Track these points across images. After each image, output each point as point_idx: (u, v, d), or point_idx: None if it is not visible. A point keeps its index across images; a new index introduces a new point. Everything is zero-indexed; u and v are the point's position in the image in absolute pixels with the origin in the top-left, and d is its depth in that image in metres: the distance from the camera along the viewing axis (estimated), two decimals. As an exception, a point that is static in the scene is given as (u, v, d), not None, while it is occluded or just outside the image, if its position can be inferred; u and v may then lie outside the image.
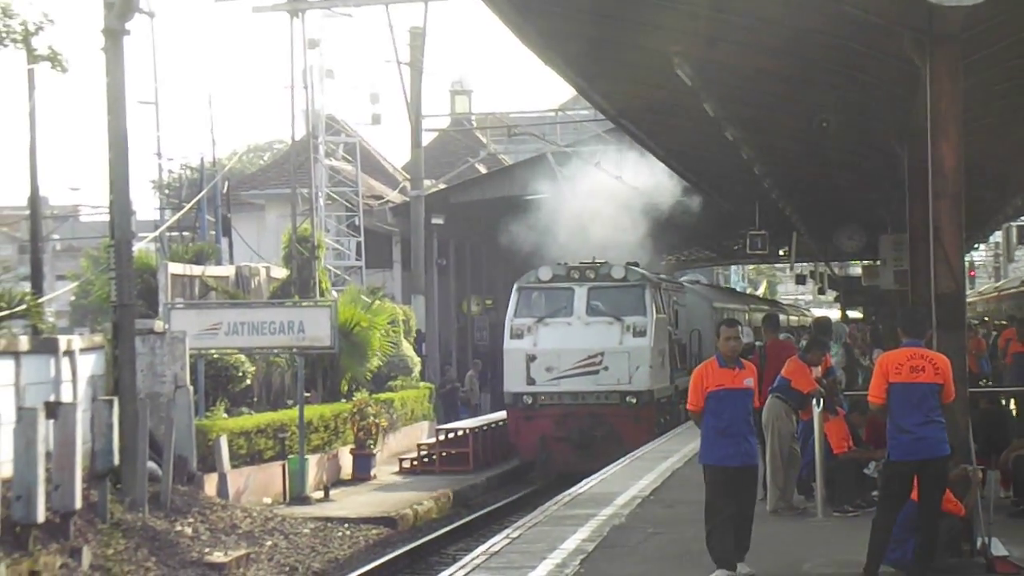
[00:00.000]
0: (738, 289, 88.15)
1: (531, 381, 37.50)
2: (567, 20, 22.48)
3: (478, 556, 17.56)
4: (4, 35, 32.32)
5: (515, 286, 39.63)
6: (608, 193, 48.47)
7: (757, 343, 27.16)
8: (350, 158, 56.33)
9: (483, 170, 64.97)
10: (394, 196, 57.86)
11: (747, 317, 53.32)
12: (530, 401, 37.69)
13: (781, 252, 61.11)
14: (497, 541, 18.69)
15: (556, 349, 37.59)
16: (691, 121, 28.26)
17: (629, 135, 36.24)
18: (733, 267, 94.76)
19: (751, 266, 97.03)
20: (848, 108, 24.05)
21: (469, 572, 16.52)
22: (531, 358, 37.53)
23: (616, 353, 37.35)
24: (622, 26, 22.01)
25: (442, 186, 59.11)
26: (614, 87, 28.40)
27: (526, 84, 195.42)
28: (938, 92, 16.83)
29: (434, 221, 51.28)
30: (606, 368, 37.34)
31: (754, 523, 15.90)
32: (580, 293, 38.27)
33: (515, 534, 19.37)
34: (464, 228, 56.99)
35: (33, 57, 34.45)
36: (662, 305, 39.70)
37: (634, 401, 37.28)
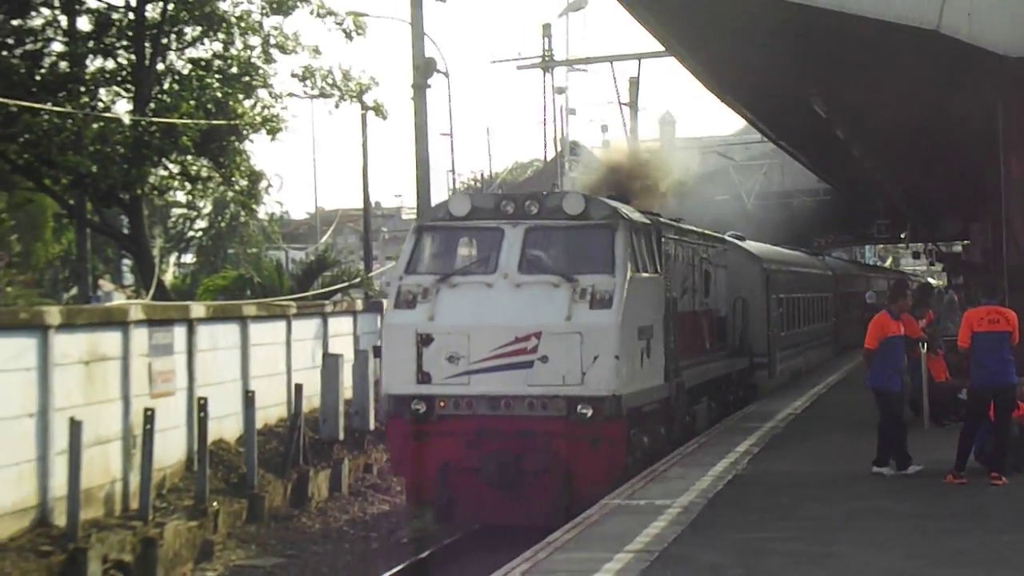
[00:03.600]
0: (869, 262, 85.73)
1: (424, 377, 16.48)
2: (739, 73, 22.40)
3: (675, 456, 17.44)
4: (345, 92, 33.07)
5: (412, 226, 18.50)
6: (769, 193, 48.08)
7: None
8: (587, 172, 56.43)
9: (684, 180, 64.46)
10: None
11: (819, 280, 35.39)
12: (422, 410, 16.48)
13: (902, 235, 59.87)
14: (689, 446, 18.58)
15: (465, 326, 16.43)
16: (827, 141, 27.86)
17: (786, 152, 35.85)
18: (867, 246, 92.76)
19: (880, 246, 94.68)
20: (946, 131, 23.53)
21: (669, 467, 16.43)
22: (425, 340, 16.48)
23: (561, 335, 16.14)
24: (775, 76, 21.84)
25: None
26: (772, 119, 28.17)
27: (715, 114, 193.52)
28: (1009, 119, 16.45)
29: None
30: (544, 358, 16.11)
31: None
32: (512, 237, 16.88)
33: (703, 439, 19.28)
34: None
35: (364, 107, 35.22)
36: (649, 258, 17.90)
37: (588, 413, 16.00)
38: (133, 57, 30.55)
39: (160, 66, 31.00)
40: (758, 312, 25.78)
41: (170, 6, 30.57)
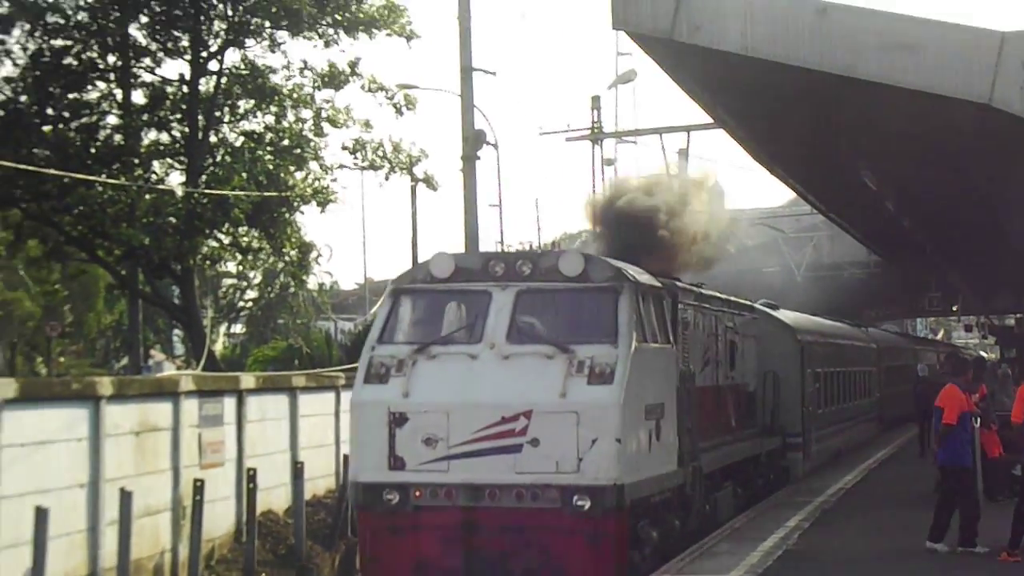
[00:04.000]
0: (920, 335, 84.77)
1: (397, 463, 14.18)
2: (788, 145, 22.42)
3: (725, 530, 17.25)
4: (395, 165, 33.42)
5: (388, 288, 16.23)
6: (820, 264, 47.87)
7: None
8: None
9: (731, 250, 64.18)
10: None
11: (861, 352, 33.20)
12: (395, 500, 14.13)
13: (954, 307, 59.33)
14: (738, 520, 18.40)
15: (444, 404, 14.15)
16: (877, 214, 27.76)
17: (836, 224, 35.76)
18: (918, 319, 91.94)
19: (931, 318, 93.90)
20: (999, 205, 23.41)
21: (716, 543, 16.25)
22: (398, 419, 14.19)
23: (555, 414, 13.86)
24: (824, 148, 21.84)
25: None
26: (821, 191, 28.13)
27: (765, 185, 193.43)
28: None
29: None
30: (535, 442, 13.82)
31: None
32: (501, 301, 14.64)
33: (752, 514, 19.07)
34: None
35: (414, 179, 35.52)
36: (660, 326, 15.60)
37: (585, 505, 13.68)
38: (186, 130, 31.05)
39: (213, 138, 31.48)
40: (792, 387, 23.39)
41: (223, 80, 31.09)
